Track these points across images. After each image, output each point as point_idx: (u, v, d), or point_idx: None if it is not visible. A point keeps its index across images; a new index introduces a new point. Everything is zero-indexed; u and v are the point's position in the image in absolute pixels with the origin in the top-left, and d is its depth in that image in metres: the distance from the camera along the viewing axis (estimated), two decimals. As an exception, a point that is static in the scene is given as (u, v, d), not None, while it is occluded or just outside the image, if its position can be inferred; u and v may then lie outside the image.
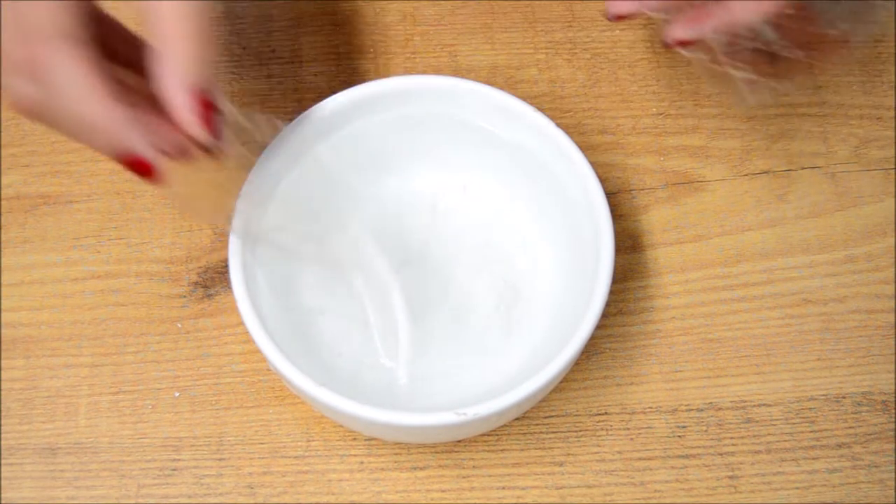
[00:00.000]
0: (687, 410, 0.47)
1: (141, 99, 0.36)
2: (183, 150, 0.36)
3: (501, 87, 0.45)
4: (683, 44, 0.43)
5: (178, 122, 0.34)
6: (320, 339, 0.45)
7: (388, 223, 0.48)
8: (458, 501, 0.45)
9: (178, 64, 0.34)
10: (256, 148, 0.42)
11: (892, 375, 0.47)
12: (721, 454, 0.46)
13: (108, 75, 0.34)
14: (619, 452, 0.46)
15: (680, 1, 0.42)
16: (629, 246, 0.49)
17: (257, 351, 0.43)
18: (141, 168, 0.35)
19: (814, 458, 0.46)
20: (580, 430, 0.46)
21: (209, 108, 0.34)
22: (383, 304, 0.45)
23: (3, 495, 0.44)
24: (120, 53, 0.37)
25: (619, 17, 0.44)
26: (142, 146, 0.34)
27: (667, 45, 0.43)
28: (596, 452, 0.46)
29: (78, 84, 0.33)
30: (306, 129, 0.44)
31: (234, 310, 0.46)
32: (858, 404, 0.47)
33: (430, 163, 0.48)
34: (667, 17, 0.43)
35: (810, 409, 0.47)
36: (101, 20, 0.36)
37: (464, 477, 0.45)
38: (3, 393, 0.46)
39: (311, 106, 0.45)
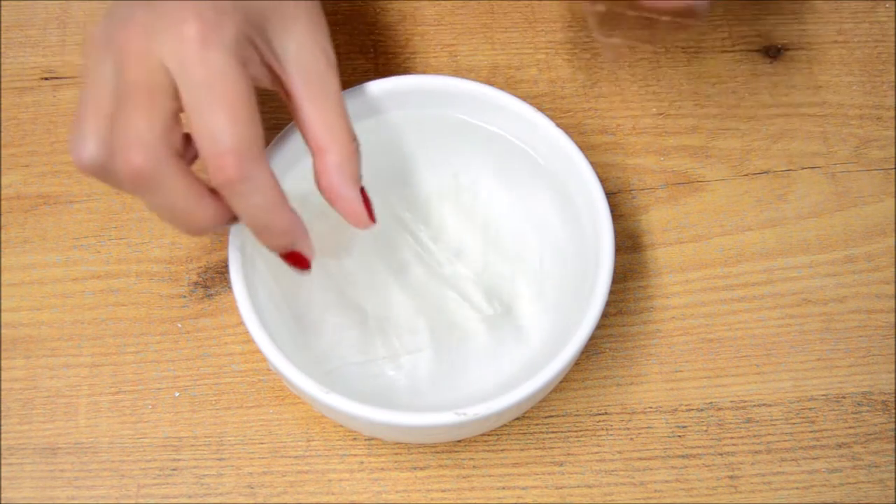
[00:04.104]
0: (687, 410, 0.47)
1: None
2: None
3: (501, 87, 0.45)
4: None
5: (346, 214, 0.39)
6: (320, 342, 0.45)
7: (387, 224, 0.47)
8: (458, 501, 0.45)
9: (339, 164, 0.38)
10: None
11: (892, 375, 0.47)
12: (721, 454, 0.46)
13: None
14: (619, 452, 0.46)
15: None
16: (629, 246, 0.49)
17: (257, 351, 0.43)
18: (299, 260, 0.39)
19: (814, 458, 0.46)
20: (580, 430, 0.46)
21: (367, 198, 0.40)
22: (383, 306, 0.45)
23: (3, 495, 0.44)
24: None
25: None
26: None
27: None
28: (596, 452, 0.46)
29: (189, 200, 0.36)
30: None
31: (234, 310, 0.46)
32: (858, 404, 0.47)
33: (429, 163, 0.48)
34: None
35: (810, 409, 0.47)
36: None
37: (464, 477, 0.45)
38: (3, 393, 0.46)
39: (311, 106, 0.44)
